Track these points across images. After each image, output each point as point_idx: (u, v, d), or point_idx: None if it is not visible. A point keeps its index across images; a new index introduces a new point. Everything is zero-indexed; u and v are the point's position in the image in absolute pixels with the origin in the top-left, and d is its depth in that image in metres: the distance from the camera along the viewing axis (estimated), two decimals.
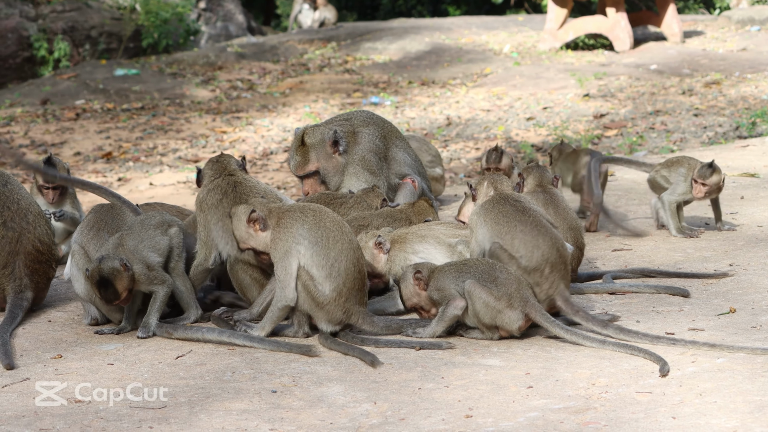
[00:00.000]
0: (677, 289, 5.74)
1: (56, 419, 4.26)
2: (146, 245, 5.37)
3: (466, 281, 5.02)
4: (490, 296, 4.98)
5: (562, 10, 20.51)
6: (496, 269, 5.06)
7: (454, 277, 5.07)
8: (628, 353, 4.76)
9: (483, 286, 4.99)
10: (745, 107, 14.97)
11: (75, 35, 21.64)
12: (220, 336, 5.13)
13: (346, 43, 22.80)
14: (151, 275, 5.30)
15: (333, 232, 5.11)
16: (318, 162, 6.28)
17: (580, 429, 4.01)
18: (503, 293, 4.99)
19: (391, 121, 15.99)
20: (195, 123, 16.85)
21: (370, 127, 6.69)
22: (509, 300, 4.98)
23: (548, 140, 14.00)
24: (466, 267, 5.11)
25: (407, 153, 6.60)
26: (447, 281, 5.07)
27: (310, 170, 6.29)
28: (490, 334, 5.05)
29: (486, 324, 5.02)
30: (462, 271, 5.09)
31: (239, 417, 4.24)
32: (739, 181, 8.99)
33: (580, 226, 6.19)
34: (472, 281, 5.00)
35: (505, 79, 18.27)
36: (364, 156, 6.49)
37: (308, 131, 6.42)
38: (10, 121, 17.30)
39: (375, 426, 4.12)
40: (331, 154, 6.29)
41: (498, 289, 4.99)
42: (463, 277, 5.05)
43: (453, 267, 5.15)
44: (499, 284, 5.00)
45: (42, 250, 5.82)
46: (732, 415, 4.04)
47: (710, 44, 20.44)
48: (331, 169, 6.29)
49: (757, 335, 4.96)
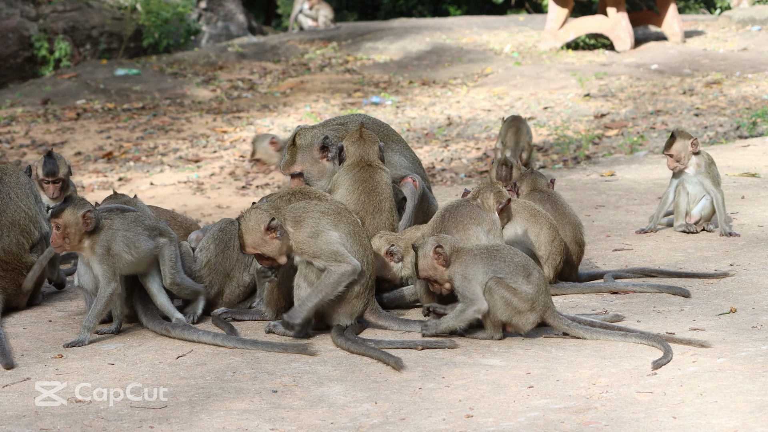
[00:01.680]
0: (678, 289, 5.74)
1: (57, 419, 4.26)
2: (124, 237, 5.34)
3: (493, 277, 4.96)
4: (515, 296, 4.95)
5: (562, 9, 20.51)
6: (530, 266, 5.03)
7: (484, 265, 4.99)
8: (648, 343, 4.81)
9: (509, 286, 4.95)
10: (746, 107, 14.96)
11: (76, 35, 21.64)
12: (214, 339, 5.16)
13: (346, 42, 22.79)
14: (107, 259, 5.25)
15: (357, 227, 5.25)
16: (303, 164, 6.28)
17: (580, 429, 4.01)
18: (530, 295, 4.96)
19: (391, 121, 16.05)
20: (196, 123, 16.85)
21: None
22: (533, 303, 4.97)
23: (549, 140, 13.99)
24: (499, 255, 5.04)
25: (404, 156, 6.53)
26: (477, 270, 4.99)
27: (294, 171, 6.29)
28: (493, 333, 5.03)
29: (497, 321, 4.99)
30: (494, 257, 5.02)
31: (240, 417, 4.25)
32: (739, 181, 9.00)
33: (580, 223, 6.22)
34: (498, 279, 4.95)
35: (505, 79, 18.27)
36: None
37: (301, 132, 6.42)
38: (11, 121, 17.30)
39: (376, 426, 4.12)
40: (318, 158, 6.28)
41: (529, 287, 4.96)
42: (494, 265, 4.99)
43: (485, 253, 5.06)
44: (531, 282, 4.97)
45: (6, 260, 5.91)
46: (733, 415, 4.04)
47: (711, 44, 20.43)
48: (315, 173, 6.27)
49: (758, 335, 4.95)
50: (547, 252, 5.84)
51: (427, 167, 13.23)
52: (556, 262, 5.87)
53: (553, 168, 11.82)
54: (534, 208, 5.95)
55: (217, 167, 14.32)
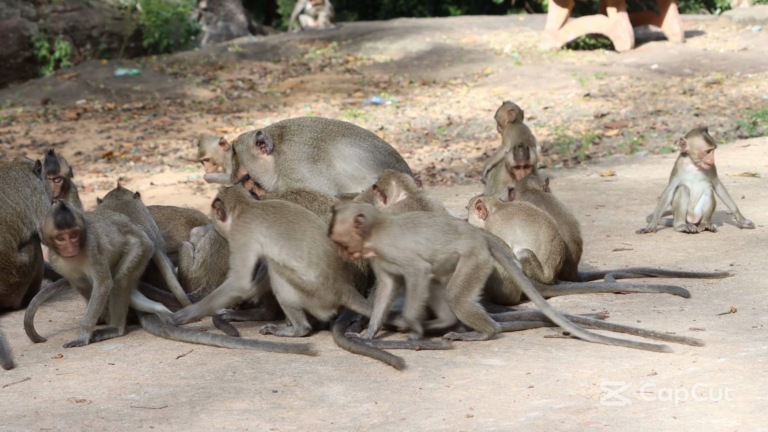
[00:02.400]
0: (678, 289, 5.74)
1: (57, 419, 4.26)
2: (103, 229, 5.33)
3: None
4: (462, 266, 4.96)
5: (563, 9, 20.50)
6: (451, 219, 5.08)
7: (412, 234, 4.99)
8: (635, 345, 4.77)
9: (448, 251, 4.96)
10: (746, 107, 14.96)
11: (76, 35, 21.63)
12: (213, 340, 5.16)
13: (347, 42, 22.79)
14: (99, 258, 5.25)
15: (299, 223, 5.19)
16: (246, 166, 6.30)
17: (581, 428, 4.00)
18: (467, 244, 4.97)
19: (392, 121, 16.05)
20: (196, 123, 16.85)
21: (303, 130, 6.46)
22: (474, 250, 4.97)
23: (549, 140, 13.99)
24: (420, 221, 5.04)
25: (359, 147, 6.42)
26: (407, 240, 4.97)
27: (242, 175, 6.31)
28: (484, 327, 5.01)
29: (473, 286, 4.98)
30: (417, 225, 5.02)
31: (240, 417, 4.24)
32: (740, 181, 8.99)
33: (576, 222, 6.22)
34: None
35: (506, 78, 18.26)
36: (290, 164, 6.35)
37: (236, 139, 6.47)
38: (11, 121, 17.30)
39: (376, 426, 4.12)
40: (257, 154, 6.29)
41: (461, 240, 4.97)
42: (421, 234, 4.97)
43: (408, 222, 5.04)
44: (459, 233, 5.00)
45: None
46: (733, 415, 4.04)
47: (711, 44, 20.43)
48: (259, 170, 6.28)
49: (758, 335, 4.95)
50: (547, 252, 5.84)
51: (427, 167, 13.23)
52: (556, 262, 5.87)
53: (553, 168, 11.81)
54: (531, 207, 5.95)
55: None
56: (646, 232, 7.30)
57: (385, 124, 15.84)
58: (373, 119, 16.19)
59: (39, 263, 6.13)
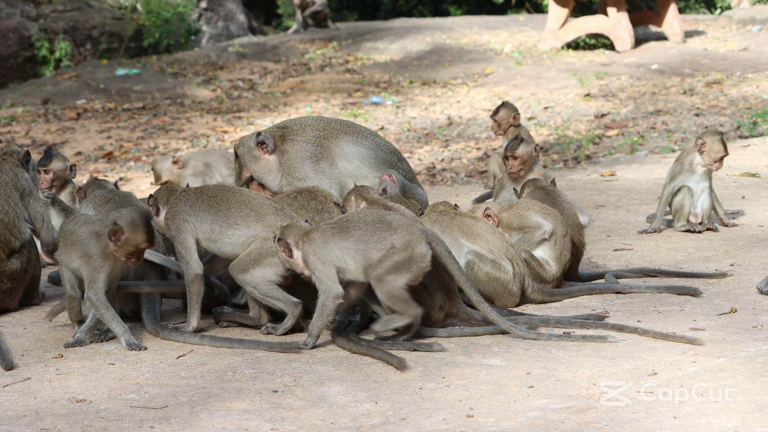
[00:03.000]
0: (688, 288, 5.71)
1: (57, 419, 4.25)
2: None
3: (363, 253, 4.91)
4: (394, 254, 4.89)
5: (563, 9, 20.50)
6: (386, 215, 5.00)
7: (341, 239, 4.96)
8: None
9: (379, 247, 4.89)
10: (746, 107, 14.96)
11: (76, 35, 21.63)
12: (201, 340, 5.18)
13: (347, 42, 22.79)
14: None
15: (219, 195, 5.34)
16: (249, 168, 6.29)
17: (581, 428, 4.00)
18: (403, 238, 4.90)
19: (392, 120, 16.06)
20: (196, 123, 16.85)
21: (305, 129, 6.42)
22: (408, 247, 4.89)
23: (549, 140, 13.99)
24: (350, 223, 5.00)
25: (361, 146, 6.38)
26: (332, 248, 4.95)
27: (245, 177, 6.31)
28: (405, 309, 4.92)
29: (401, 296, 4.91)
30: (347, 228, 4.98)
31: (240, 417, 4.24)
32: (740, 181, 9.00)
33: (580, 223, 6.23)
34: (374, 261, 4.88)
35: (506, 78, 18.26)
36: (293, 163, 6.34)
37: (237, 142, 6.46)
38: (11, 121, 17.30)
39: (376, 426, 4.12)
40: (259, 155, 6.28)
41: (396, 234, 4.91)
42: (352, 236, 4.94)
43: (335, 226, 5.01)
44: (393, 228, 4.92)
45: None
46: (733, 415, 4.03)
47: (711, 44, 20.43)
48: (262, 170, 6.27)
49: (759, 335, 4.95)
50: (560, 247, 5.84)
51: (427, 167, 13.23)
52: (566, 259, 5.87)
53: (553, 168, 11.81)
54: (542, 204, 5.95)
55: None
56: (648, 233, 7.29)
57: (386, 124, 15.84)
58: (374, 119, 16.19)
59: (33, 266, 6.03)
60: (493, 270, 5.54)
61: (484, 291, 5.48)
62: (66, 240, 5.19)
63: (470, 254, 5.56)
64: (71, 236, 5.17)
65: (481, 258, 5.54)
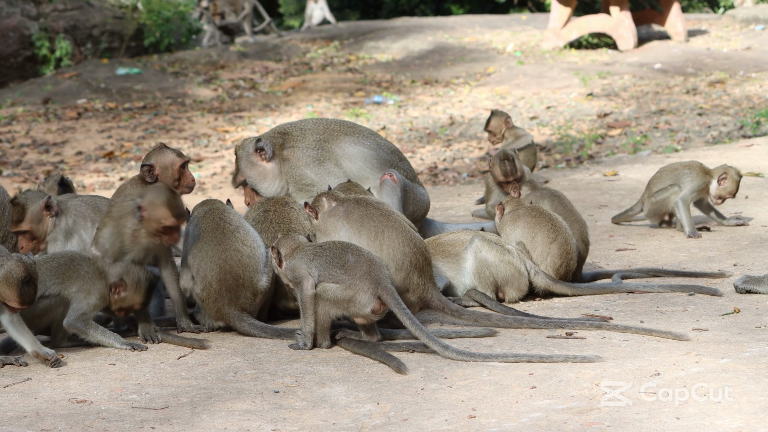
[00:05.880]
0: (708, 288, 5.71)
1: (58, 419, 4.24)
2: None
3: (316, 274, 4.98)
4: (337, 288, 4.94)
5: (565, 8, 20.50)
6: (347, 251, 5.01)
7: (308, 259, 5.03)
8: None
9: (329, 282, 4.94)
10: (750, 106, 14.95)
11: (77, 34, 21.64)
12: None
13: (348, 42, 22.80)
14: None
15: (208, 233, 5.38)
16: (244, 172, 6.30)
17: (583, 429, 3.99)
18: (350, 280, 4.93)
19: (393, 120, 16.06)
20: (197, 122, 16.85)
21: (306, 134, 6.38)
22: (356, 286, 4.91)
23: (552, 140, 13.99)
24: (321, 250, 5.06)
25: (363, 146, 6.36)
26: (300, 263, 5.04)
27: (239, 181, 6.31)
28: (309, 328, 5.00)
29: (325, 322, 5.00)
30: (317, 254, 5.04)
31: (242, 417, 4.23)
32: (743, 181, 8.97)
33: (585, 223, 6.23)
34: (322, 285, 4.95)
35: (508, 78, 18.26)
36: (297, 171, 6.34)
37: (240, 143, 6.46)
38: (12, 121, 17.31)
39: (378, 426, 4.11)
40: (257, 161, 6.28)
41: (346, 274, 4.93)
42: (316, 260, 5.00)
43: (311, 248, 5.11)
44: (347, 269, 4.95)
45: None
46: (736, 416, 4.02)
47: (714, 43, 20.43)
48: (257, 176, 6.27)
49: (762, 335, 4.94)
50: (545, 253, 5.84)
51: (429, 167, 13.24)
52: (557, 265, 5.86)
53: (556, 168, 11.81)
54: (537, 210, 5.95)
55: (219, 167, 14.32)
56: (695, 238, 7.18)
57: (387, 124, 15.84)
58: (375, 119, 16.19)
59: None
60: (502, 253, 5.66)
61: (496, 274, 5.61)
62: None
63: (477, 238, 5.67)
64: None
65: (488, 242, 5.67)
